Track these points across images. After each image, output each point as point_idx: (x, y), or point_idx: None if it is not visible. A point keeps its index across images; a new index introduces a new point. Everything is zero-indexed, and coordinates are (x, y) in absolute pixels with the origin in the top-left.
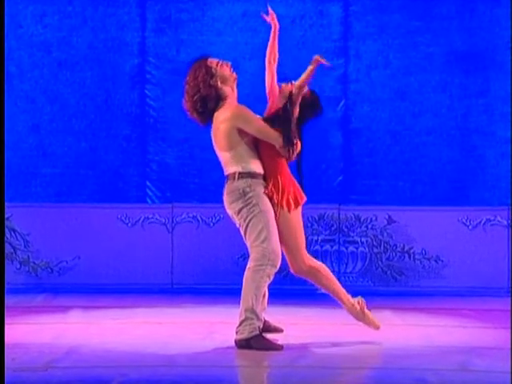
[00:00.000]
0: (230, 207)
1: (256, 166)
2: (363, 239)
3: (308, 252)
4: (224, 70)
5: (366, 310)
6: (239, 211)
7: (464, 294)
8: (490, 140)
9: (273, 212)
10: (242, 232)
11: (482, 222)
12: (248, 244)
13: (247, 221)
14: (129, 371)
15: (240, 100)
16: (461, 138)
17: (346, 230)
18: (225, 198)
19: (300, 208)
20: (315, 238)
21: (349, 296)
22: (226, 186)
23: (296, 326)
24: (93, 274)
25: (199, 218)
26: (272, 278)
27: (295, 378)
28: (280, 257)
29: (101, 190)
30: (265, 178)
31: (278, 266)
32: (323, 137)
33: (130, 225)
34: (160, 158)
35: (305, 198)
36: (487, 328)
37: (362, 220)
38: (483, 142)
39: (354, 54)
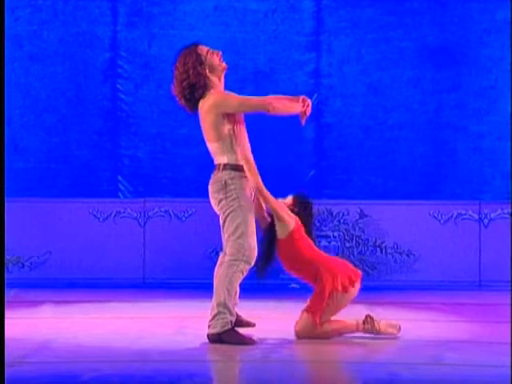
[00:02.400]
0: (212, 197)
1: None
2: (335, 233)
3: None
4: (213, 59)
5: (378, 324)
6: (219, 202)
7: (436, 287)
8: (462, 135)
9: (253, 207)
10: (221, 224)
11: (454, 216)
12: (225, 237)
13: (226, 213)
14: (101, 366)
15: None
16: (432, 132)
17: (318, 224)
18: (209, 188)
19: (357, 285)
20: None
21: (353, 321)
22: (212, 176)
23: (268, 320)
24: (64, 269)
25: (171, 213)
26: (245, 273)
27: (267, 372)
28: (255, 253)
29: (72, 185)
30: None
31: (253, 263)
32: (295, 131)
33: (101, 219)
34: (132, 152)
35: (360, 273)
36: (459, 322)
37: (334, 214)
38: (455, 136)
39: (327, 48)
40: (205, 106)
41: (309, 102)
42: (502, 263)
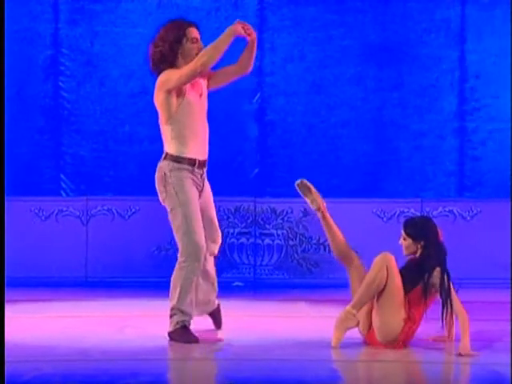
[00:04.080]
0: (157, 189)
1: (187, 150)
2: (279, 232)
3: (223, 245)
4: (192, 47)
5: None
6: (161, 195)
7: None
8: (404, 133)
9: (195, 198)
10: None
11: (396, 213)
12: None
13: (168, 210)
14: (43, 365)
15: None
16: (375, 130)
17: (261, 222)
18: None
19: None
20: (231, 230)
21: None
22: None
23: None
24: (6, 268)
25: (114, 211)
26: (197, 271)
27: (211, 370)
28: (203, 250)
29: (14, 183)
30: (194, 163)
31: (202, 259)
32: (239, 129)
33: (43, 218)
34: (74, 150)
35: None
36: None
37: (277, 212)
38: (397, 134)
39: (270, 47)
40: (159, 81)
41: (244, 24)
42: None
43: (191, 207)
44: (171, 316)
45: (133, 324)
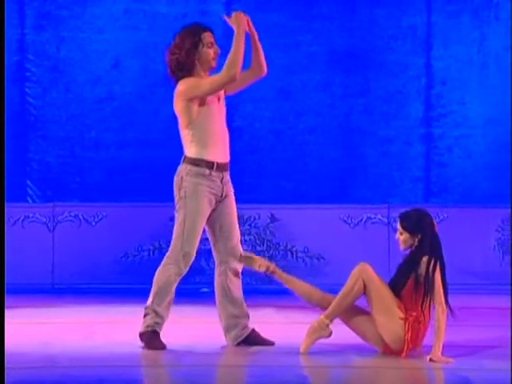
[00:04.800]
0: (174, 190)
1: (205, 152)
2: (246, 237)
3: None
4: (208, 52)
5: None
6: (176, 204)
7: None
8: (371, 139)
9: (203, 211)
10: None
11: (363, 219)
12: None
13: (175, 211)
14: (8, 372)
15: (122, 98)
16: (342, 137)
17: None
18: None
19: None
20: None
21: None
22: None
23: (179, 324)
24: None
25: (81, 217)
26: (178, 277)
27: (176, 376)
28: (189, 260)
29: None
30: (212, 165)
31: (185, 268)
32: None
33: (10, 224)
34: (40, 156)
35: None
36: None
37: (245, 218)
38: (364, 141)
39: None
40: (178, 90)
41: (242, 15)
42: None
43: (194, 216)
44: (144, 315)
45: (100, 331)
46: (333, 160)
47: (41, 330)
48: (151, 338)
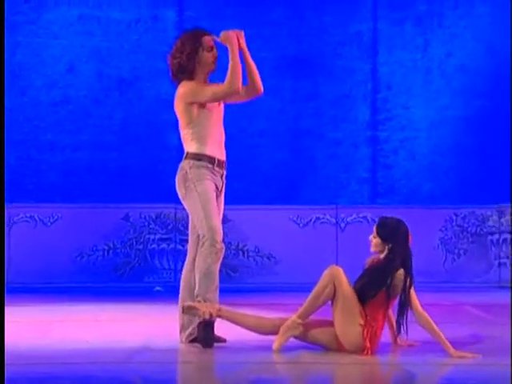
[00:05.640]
0: (177, 185)
1: (206, 148)
2: None
3: (144, 251)
4: (208, 56)
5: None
6: (183, 199)
7: (295, 289)
8: (320, 142)
9: (212, 192)
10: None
11: (312, 220)
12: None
13: (188, 205)
14: None
15: (77, 102)
16: (292, 139)
17: (182, 228)
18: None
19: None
20: (152, 236)
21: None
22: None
23: (133, 322)
24: None
25: (37, 218)
26: (215, 256)
27: (130, 373)
28: (219, 233)
29: None
30: (214, 160)
31: (220, 243)
32: (160, 138)
33: None
34: None
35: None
36: None
37: None
38: (313, 143)
39: None
40: (179, 92)
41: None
42: (356, 266)
43: (206, 194)
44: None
45: (55, 329)
46: (283, 162)
47: None
48: (205, 330)
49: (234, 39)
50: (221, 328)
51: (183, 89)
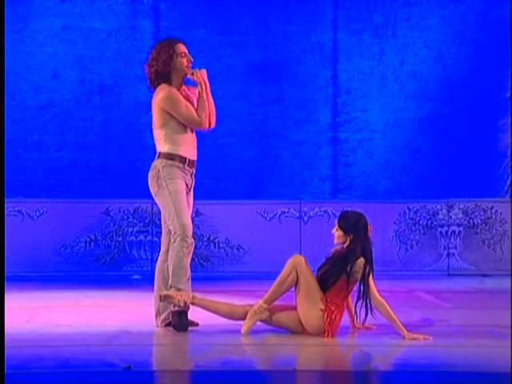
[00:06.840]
0: (149, 184)
1: (178, 148)
2: None
3: (123, 242)
4: (182, 62)
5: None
6: (155, 195)
7: (262, 277)
8: (285, 142)
9: (183, 189)
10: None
11: (278, 214)
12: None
13: (160, 202)
14: None
15: (61, 105)
16: (259, 140)
17: (158, 222)
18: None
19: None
20: (130, 229)
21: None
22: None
23: (113, 307)
24: None
25: (24, 212)
26: (186, 250)
27: (109, 355)
28: (190, 229)
29: None
30: (185, 160)
31: (191, 238)
32: (137, 139)
33: None
34: None
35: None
36: None
37: None
38: (278, 143)
39: None
40: (157, 96)
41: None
42: (319, 256)
43: (176, 193)
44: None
45: (40, 314)
46: (250, 160)
47: None
48: (179, 317)
49: (204, 78)
50: (193, 313)
51: (161, 94)
